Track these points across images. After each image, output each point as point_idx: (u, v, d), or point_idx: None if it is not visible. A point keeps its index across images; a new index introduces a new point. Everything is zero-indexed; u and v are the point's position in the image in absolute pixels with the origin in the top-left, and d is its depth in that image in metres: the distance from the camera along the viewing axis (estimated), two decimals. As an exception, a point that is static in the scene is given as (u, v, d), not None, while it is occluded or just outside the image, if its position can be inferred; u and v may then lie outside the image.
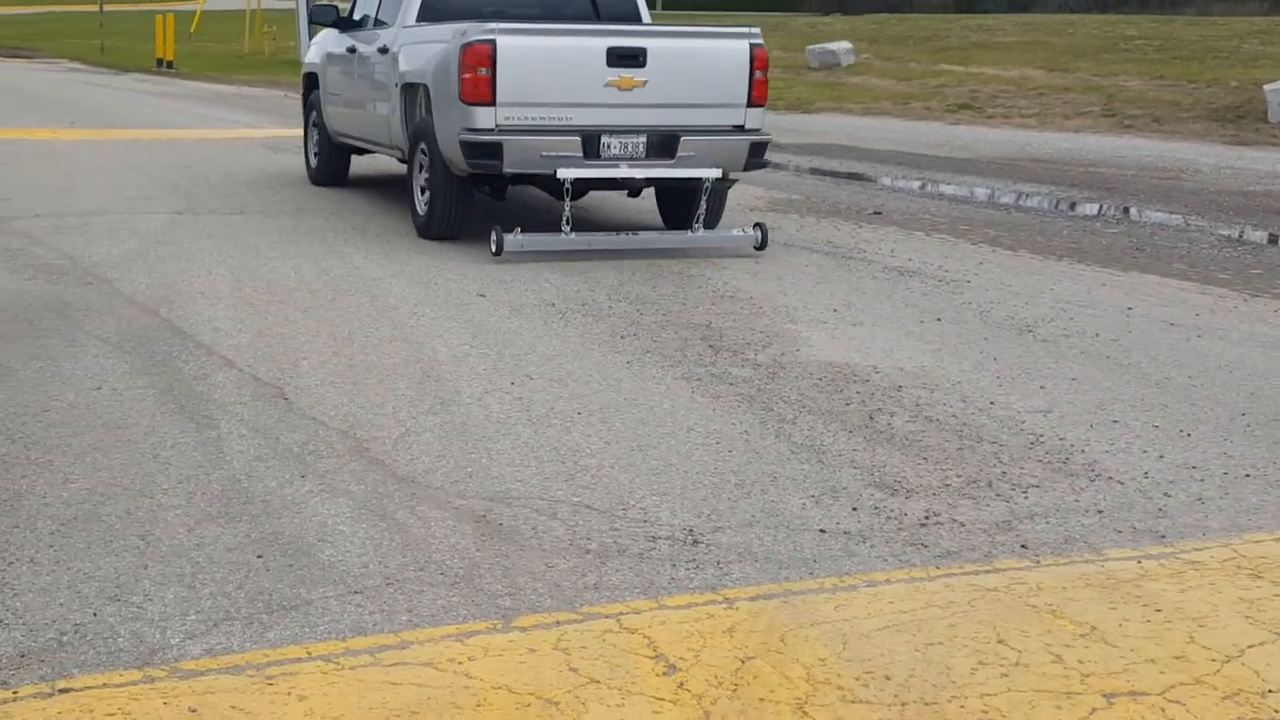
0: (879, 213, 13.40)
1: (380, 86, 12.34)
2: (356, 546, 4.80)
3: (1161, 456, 6.05)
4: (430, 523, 5.04)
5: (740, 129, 11.07)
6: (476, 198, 11.44)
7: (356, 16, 13.53)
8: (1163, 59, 28.25)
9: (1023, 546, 4.98)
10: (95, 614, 4.22)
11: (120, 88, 32.76)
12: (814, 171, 17.26)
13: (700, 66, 10.92)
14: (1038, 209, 14.05)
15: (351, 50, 13.27)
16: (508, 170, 10.50)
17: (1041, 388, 7.11)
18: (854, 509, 5.31)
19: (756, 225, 11.08)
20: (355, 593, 4.42)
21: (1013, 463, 5.91)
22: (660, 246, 11.07)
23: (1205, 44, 29.54)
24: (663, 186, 11.76)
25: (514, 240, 10.31)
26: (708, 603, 4.41)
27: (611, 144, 10.60)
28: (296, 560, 4.67)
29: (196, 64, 43.22)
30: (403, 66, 11.65)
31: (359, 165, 14.60)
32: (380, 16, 12.78)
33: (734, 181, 11.39)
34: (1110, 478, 5.75)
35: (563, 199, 10.61)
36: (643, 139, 10.66)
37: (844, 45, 33.22)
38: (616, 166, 10.58)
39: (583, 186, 11.01)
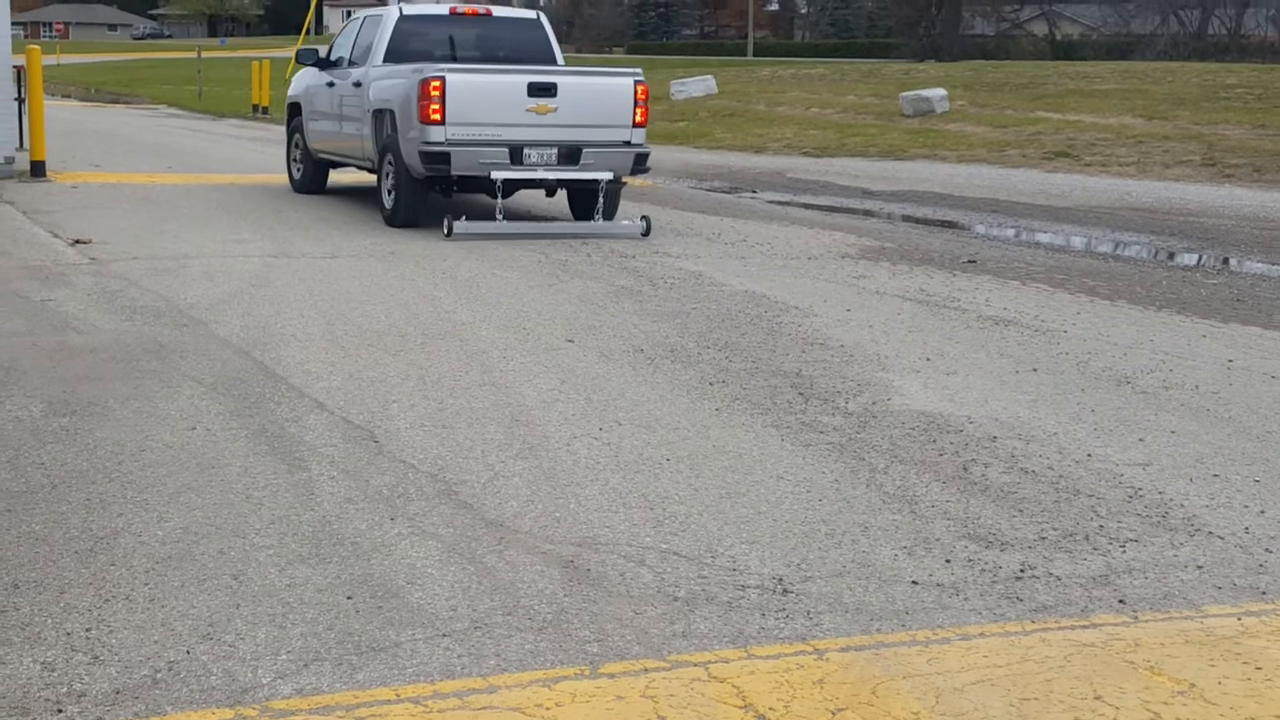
0: (973, 261, 13.29)
1: (355, 112, 15.90)
2: (445, 589, 4.79)
3: (1263, 512, 5.93)
4: (518, 567, 5.03)
5: (628, 144, 14.58)
6: (430, 197, 14.93)
7: (333, 58, 17.25)
8: (1264, 108, 27.95)
9: (1120, 601, 4.89)
10: (188, 652, 4.24)
11: (216, 133, 33.18)
12: (907, 219, 17.19)
13: (597, 97, 14.53)
14: (1136, 258, 13.91)
15: (330, 84, 16.95)
16: (455, 173, 14.01)
17: (1140, 440, 7.00)
18: (947, 561, 5.24)
19: (643, 217, 14.75)
20: (444, 635, 4.41)
21: (1110, 516, 5.82)
22: (570, 232, 14.44)
23: (1306, 93, 29.20)
24: (571, 187, 15.18)
25: (461, 226, 13.86)
26: (798, 653, 4.37)
27: (531, 154, 14.12)
28: (386, 602, 4.67)
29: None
30: (373, 96, 15.25)
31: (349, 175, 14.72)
32: (353, 58, 16.57)
33: (624, 183, 15.11)
34: (1210, 532, 5.65)
35: (495, 196, 14.15)
36: (554, 150, 14.19)
37: (938, 92, 33.10)
38: (535, 170, 14.18)
39: (511, 186, 14.49)
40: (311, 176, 18.18)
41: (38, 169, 18.39)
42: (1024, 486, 6.19)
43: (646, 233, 14.34)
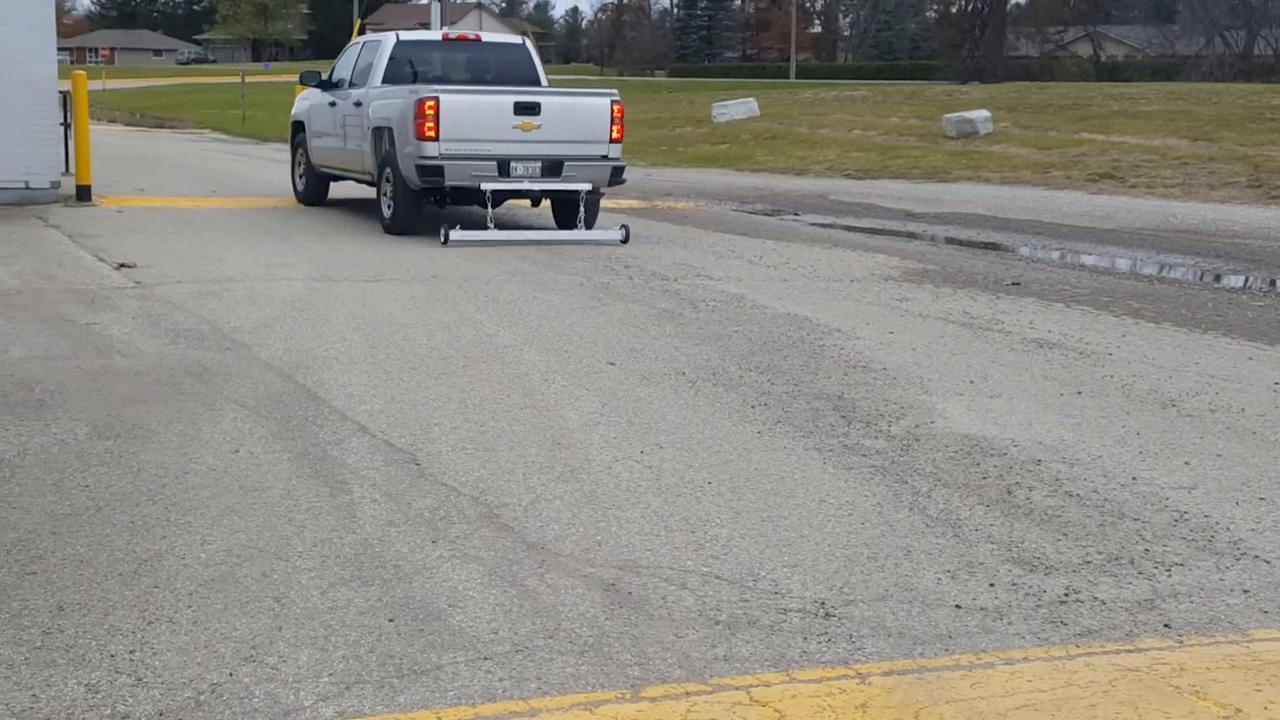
0: (1017, 283, 13.24)
1: (356, 130, 17.15)
2: (486, 612, 4.79)
3: (1310, 535, 5.88)
4: (560, 590, 5.02)
5: (605, 158, 15.81)
6: (425, 208, 16.13)
7: (334, 80, 18.53)
8: (1309, 129, 27.78)
9: (1165, 626, 4.86)
10: (231, 674, 4.25)
11: (259, 157, 33.34)
12: (950, 241, 17.15)
13: (577, 115, 15.77)
14: (1181, 280, 13.84)
15: (332, 104, 18.27)
16: (448, 184, 15.27)
17: (1186, 463, 6.95)
18: (991, 584, 5.22)
19: (622, 226, 15.93)
20: (485, 659, 4.40)
21: (1155, 540, 5.78)
22: (555, 239, 15.69)
23: (1352, 114, 29.02)
24: (554, 198, 16.43)
25: (457, 234, 14.99)
26: (840, 677, 4.35)
27: (517, 167, 15.38)
28: (427, 625, 4.67)
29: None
30: (373, 115, 16.46)
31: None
32: (353, 80, 17.87)
33: (603, 194, 16.47)
34: (1256, 556, 5.60)
35: (485, 206, 15.41)
36: (539, 164, 15.45)
37: (982, 114, 33.02)
38: (521, 182, 15.48)
39: (499, 197, 15.87)
40: (314, 189, 19.62)
41: (83, 193, 18.53)
42: (1068, 510, 6.16)
43: (625, 240, 15.49)
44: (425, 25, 38.29)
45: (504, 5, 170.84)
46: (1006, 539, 5.75)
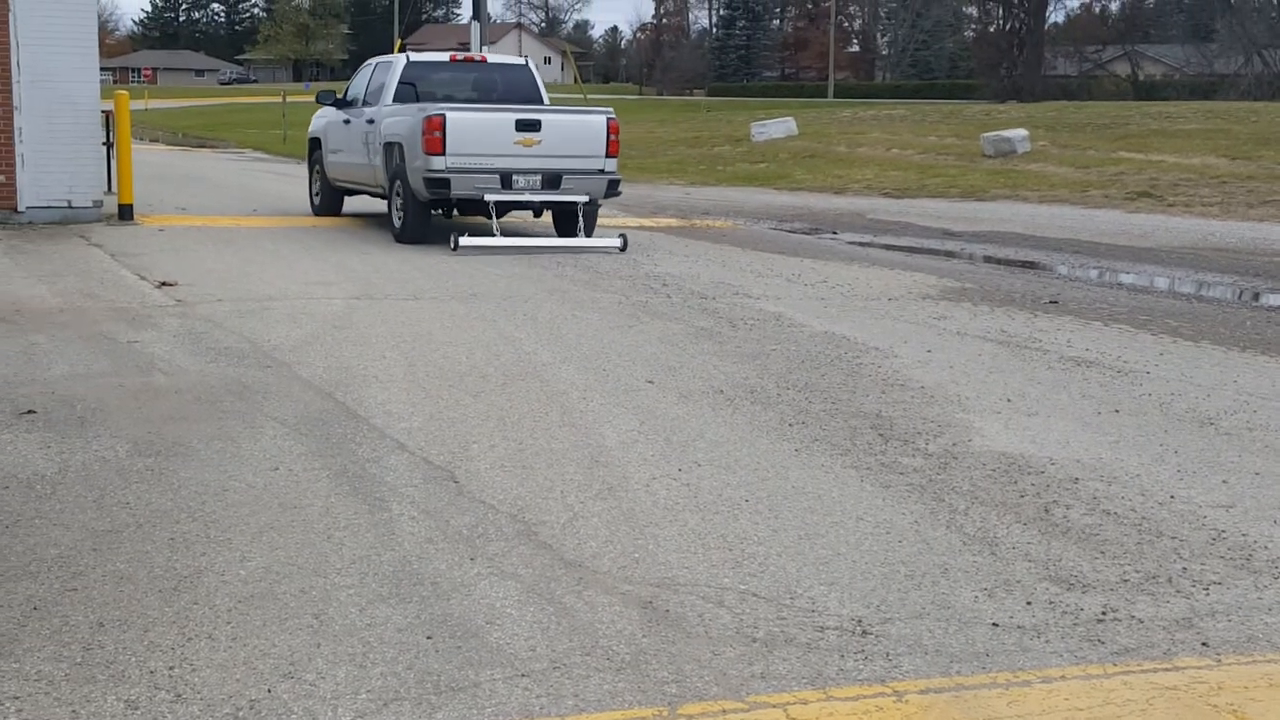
0: (1055, 302, 13.21)
1: (369, 145, 18.18)
2: (524, 629, 4.81)
3: (1350, 554, 5.85)
4: (597, 607, 5.04)
5: (601, 171, 16.85)
6: (433, 218, 17.34)
7: (349, 99, 19.79)
8: (1350, 147, 27.63)
9: (1203, 644, 4.84)
10: (269, 690, 4.28)
11: (300, 176, 33.26)
12: (988, 260, 17.12)
13: (575, 132, 16.77)
14: (1220, 299, 13.78)
15: (346, 122, 19.34)
16: (454, 196, 16.47)
17: (1224, 482, 6.93)
18: (1028, 603, 5.21)
19: (620, 234, 17.00)
20: (523, 675, 4.42)
21: (1193, 558, 5.76)
22: (558, 246, 16.62)
23: (1394, 132, 28.85)
24: (554, 208, 17.36)
25: (465, 240, 16.10)
26: (877, 695, 4.35)
27: (519, 180, 16.47)
28: (465, 642, 4.69)
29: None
30: (385, 131, 17.52)
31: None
32: (366, 99, 19.01)
33: (600, 204, 17.43)
34: (1295, 575, 5.58)
35: (490, 216, 16.48)
36: (539, 176, 16.52)
37: (1020, 133, 32.98)
38: (522, 194, 16.57)
39: (502, 208, 16.76)
40: (329, 202, 20.72)
41: (125, 212, 18.66)
42: (1106, 528, 6.14)
43: (623, 248, 16.51)
44: (465, 45, 38.49)
45: (543, 25, 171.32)
46: (1044, 557, 5.74)
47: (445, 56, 20.09)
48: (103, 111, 18.88)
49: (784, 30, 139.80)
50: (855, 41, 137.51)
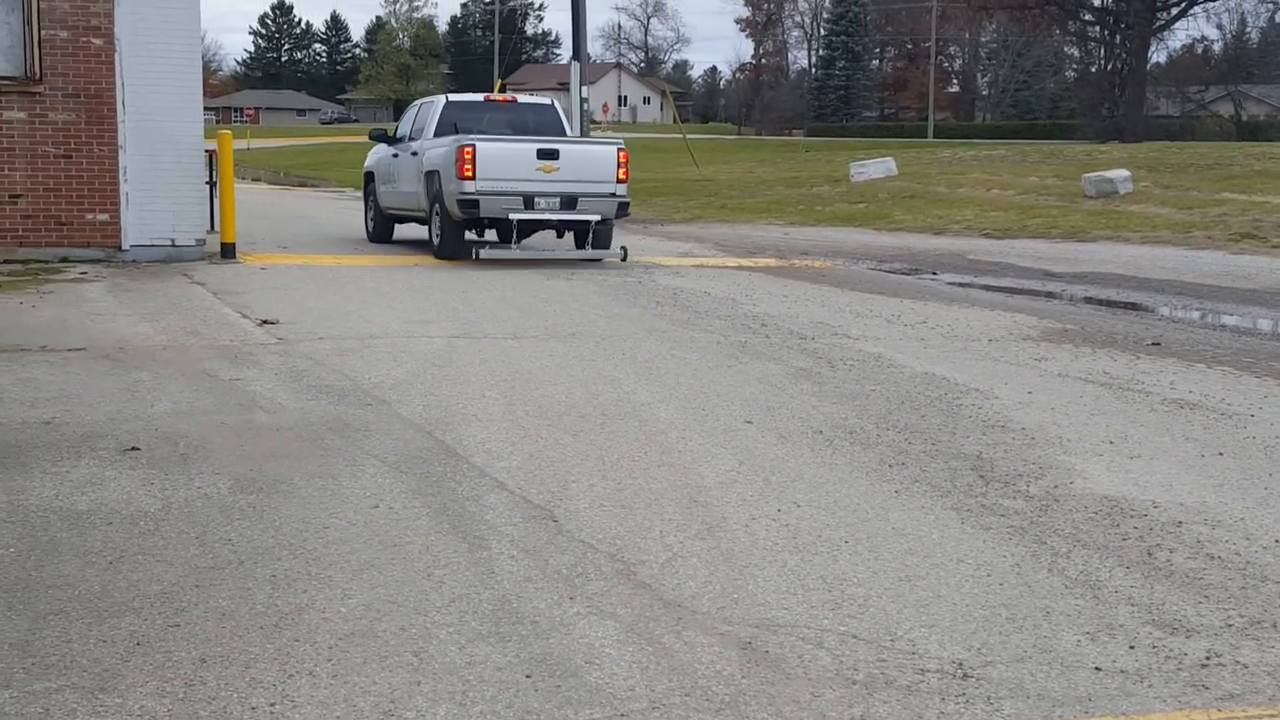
0: (1158, 343, 13.06)
1: (413, 175, 20.87)
2: (623, 669, 4.81)
3: None
4: (696, 648, 5.03)
5: (613, 195, 19.28)
6: (466, 236, 20.07)
7: (398, 136, 22.59)
8: None
9: (1312, 692, 4.76)
10: (367, 728, 4.30)
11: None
12: (1089, 301, 16.97)
13: (590, 160, 19.29)
14: (1326, 341, 13.55)
15: (395, 156, 22.25)
16: (483, 215, 18.91)
17: (1332, 526, 6.81)
18: (1131, 647, 5.14)
19: (621, 247, 19.95)
20: (621, 715, 4.42)
21: (1301, 604, 5.67)
22: (565, 256, 20.01)
23: None
24: (573, 228, 19.94)
25: (486, 252, 19.17)
26: (978, 739, 4.30)
27: (540, 201, 18.85)
28: (564, 681, 4.69)
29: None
30: (426, 161, 20.28)
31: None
32: (412, 135, 21.81)
33: (613, 223, 19.86)
34: None
35: (512, 233, 19.21)
36: (558, 199, 18.92)
37: (1122, 174, 32.67)
38: (543, 214, 18.99)
39: (526, 227, 19.38)
40: (382, 229, 23.44)
41: (227, 251, 18.91)
42: (1210, 572, 6.06)
43: (624, 259, 19.63)
44: (564, 85, 38.86)
45: (643, 65, 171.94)
46: (1147, 601, 5.67)
47: (480, 97, 23.09)
48: (206, 151, 19.18)
49: (883, 70, 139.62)
50: (955, 81, 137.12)
